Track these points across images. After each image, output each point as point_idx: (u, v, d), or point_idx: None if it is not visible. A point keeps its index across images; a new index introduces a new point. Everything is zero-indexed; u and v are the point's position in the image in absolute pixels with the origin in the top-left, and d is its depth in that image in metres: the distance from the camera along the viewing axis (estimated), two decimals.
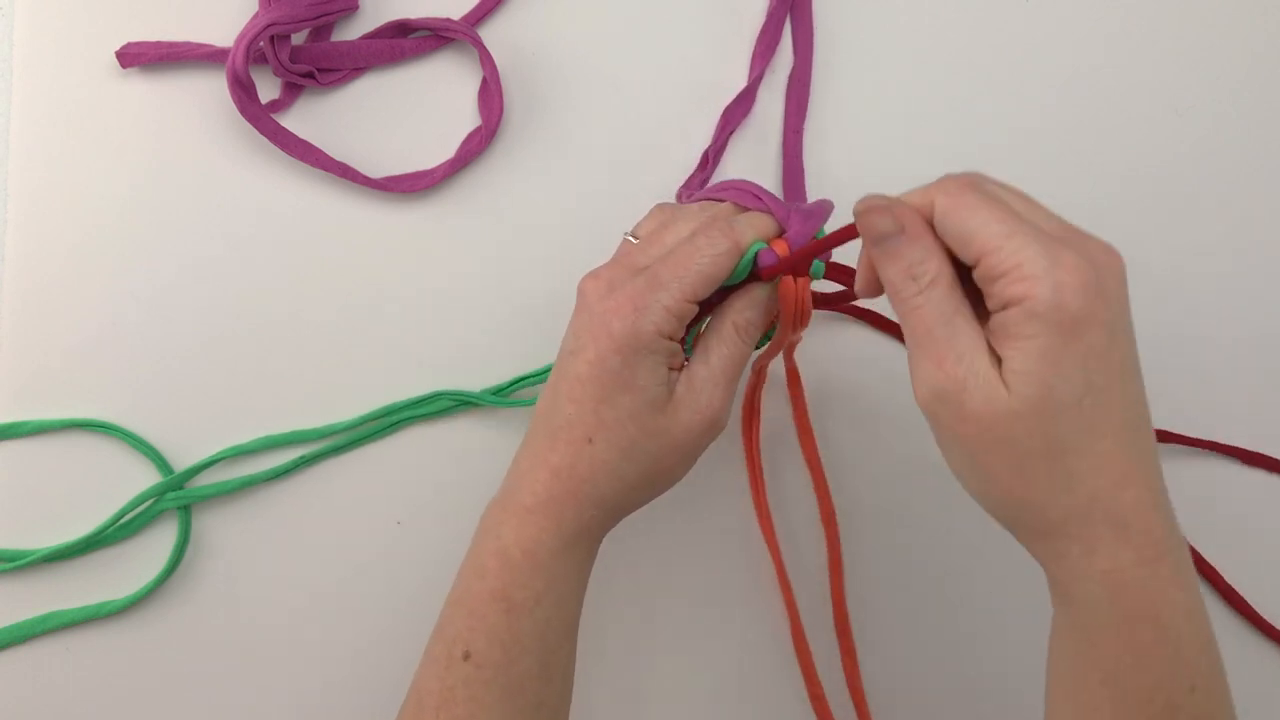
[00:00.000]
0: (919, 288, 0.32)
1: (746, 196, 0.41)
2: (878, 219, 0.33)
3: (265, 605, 0.48)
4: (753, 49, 0.53)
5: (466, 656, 0.37)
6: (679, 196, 0.51)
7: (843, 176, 0.52)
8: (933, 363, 0.32)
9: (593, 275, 0.38)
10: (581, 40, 0.53)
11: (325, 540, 0.49)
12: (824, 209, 0.40)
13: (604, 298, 0.37)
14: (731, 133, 0.52)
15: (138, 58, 0.50)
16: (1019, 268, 0.30)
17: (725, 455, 0.50)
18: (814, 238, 0.39)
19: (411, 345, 0.50)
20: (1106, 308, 0.31)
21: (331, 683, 0.48)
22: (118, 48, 0.50)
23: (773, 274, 0.39)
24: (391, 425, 0.49)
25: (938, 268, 0.32)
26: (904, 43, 0.53)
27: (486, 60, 0.51)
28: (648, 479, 0.38)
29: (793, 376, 0.49)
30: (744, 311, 0.39)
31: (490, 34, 0.52)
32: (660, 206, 0.41)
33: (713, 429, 0.38)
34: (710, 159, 0.51)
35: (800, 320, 0.40)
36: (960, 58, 0.53)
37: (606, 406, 0.37)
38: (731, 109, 0.52)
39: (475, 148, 0.51)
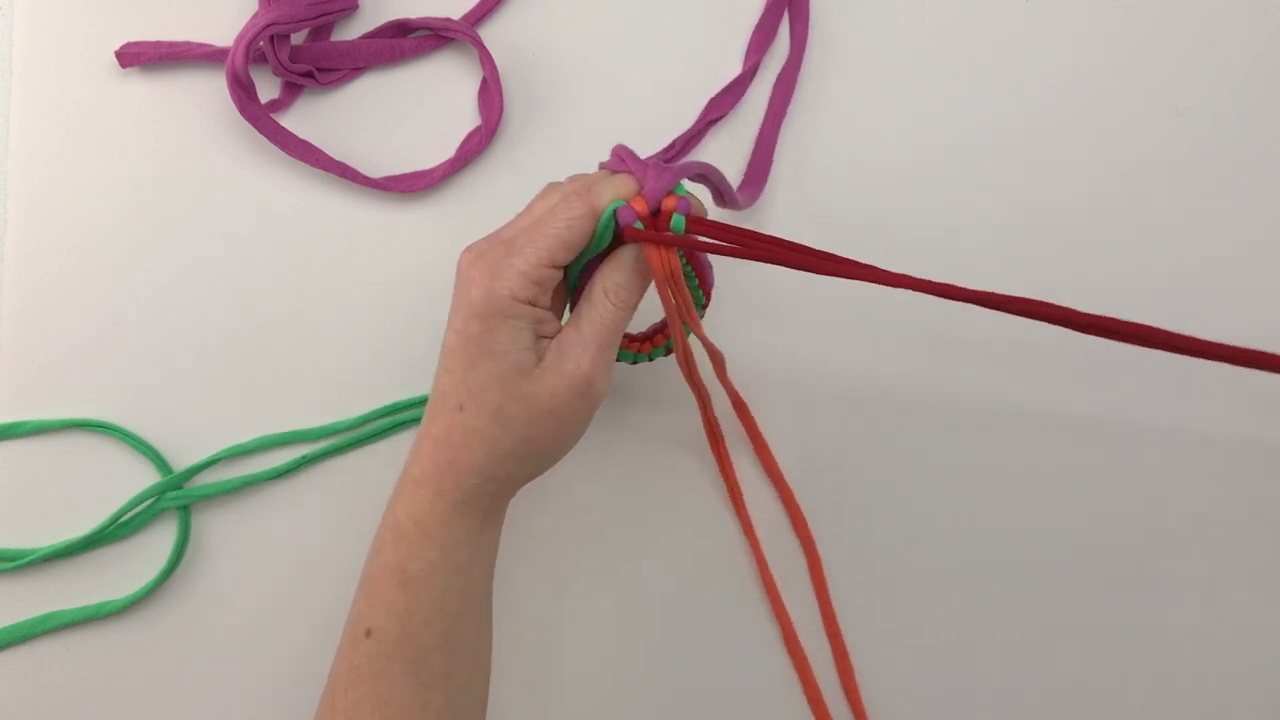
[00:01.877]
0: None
1: (614, 161, 0.40)
2: None
3: (265, 605, 0.48)
4: (745, 42, 0.53)
5: (368, 634, 0.38)
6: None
7: (824, 172, 0.52)
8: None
9: (467, 248, 0.39)
10: (581, 40, 0.53)
11: (325, 540, 0.49)
12: (687, 167, 0.40)
13: (469, 267, 0.38)
14: (713, 123, 0.52)
15: (137, 58, 0.50)
16: None
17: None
18: (673, 192, 0.39)
19: (411, 345, 0.50)
20: None
21: None
22: (117, 48, 0.50)
23: (635, 235, 0.38)
24: (392, 425, 0.49)
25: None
26: (903, 42, 0.53)
27: (486, 60, 0.51)
28: (523, 446, 0.38)
29: (736, 401, 0.48)
30: (612, 275, 0.39)
31: (490, 34, 0.52)
32: (549, 185, 0.41)
33: (586, 394, 0.38)
34: (679, 145, 0.51)
35: (674, 282, 0.39)
36: (959, 58, 0.53)
37: (472, 373, 0.37)
38: (717, 99, 0.52)
39: (475, 147, 0.51)
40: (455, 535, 0.38)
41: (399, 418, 0.49)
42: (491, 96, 0.51)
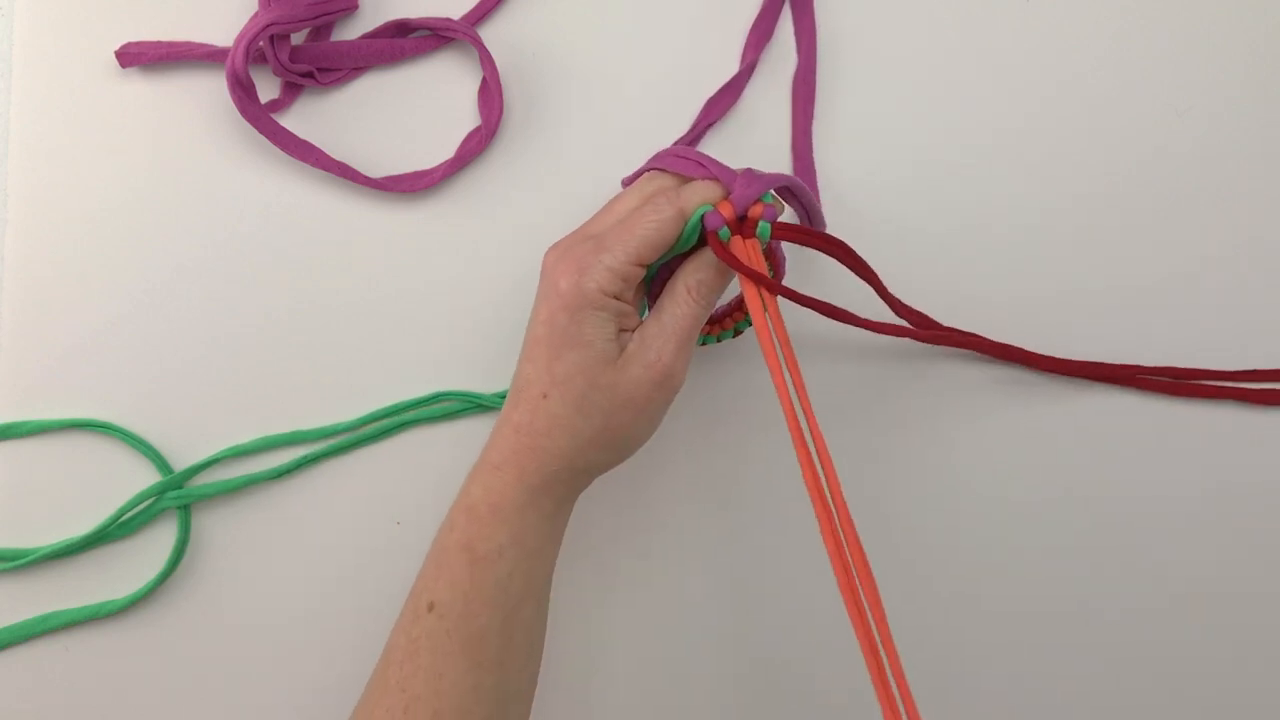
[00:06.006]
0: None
1: (691, 165, 0.41)
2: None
3: (265, 605, 0.48)
4: (744, 42, 0.53)
5: (431, 608, 0.39)
6: (624, 184, 0.50)
7: (847, 177, 0.52)
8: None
9: (552, 246, 0.41)
10: (582, 40, 0.53)
11: (325, 540, 0.49)
12: (774, 176, 0.41)
13: (555, 263, 0.40)
14: (710, 125, 0.52)
15: (138, 57, 0.50)
16: None
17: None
18: (760, 200, 0.40)
19: (411, 345, 0.50)
20: None
21: (331, 682, 0.48)
22: (117, 48, 0.50)
23: (720, 247, 0.40)
24: (393, 427, 0.49)
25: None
26: (903, 43, 0.53)
27: (486, 60, 0.51)
28: (604, 435, 0.39)
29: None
30: (695, 273, 0.41)
31: (490, 34, 0.52)
32: (632, 184, 0.43)
33: (664, 385, 0.40)
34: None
35: (759, 279, 0.40)
36: (957, 58, 0.53)
37: (558, 362, 0.39)
38: (715, 100, 0.52)
39: (475, 148, 0.51)
40: (527, 520, 0.39)
41: (402, 419, 0.49)
42: (491, 96, 0.51)
